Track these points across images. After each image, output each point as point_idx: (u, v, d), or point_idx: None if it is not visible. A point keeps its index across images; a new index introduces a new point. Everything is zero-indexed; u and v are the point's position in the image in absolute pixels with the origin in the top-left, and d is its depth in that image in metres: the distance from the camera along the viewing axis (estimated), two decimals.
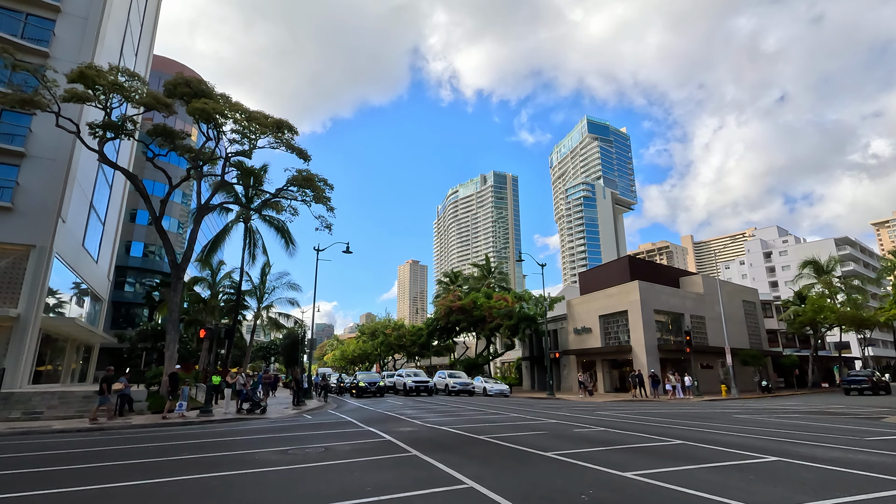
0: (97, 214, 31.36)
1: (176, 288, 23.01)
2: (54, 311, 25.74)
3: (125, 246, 45.93)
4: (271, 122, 22.83)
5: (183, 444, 11.36)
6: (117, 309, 45.95)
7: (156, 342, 36.75)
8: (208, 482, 7.12)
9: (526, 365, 51.78)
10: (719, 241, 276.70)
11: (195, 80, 22.48)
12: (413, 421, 15.80)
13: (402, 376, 40.02)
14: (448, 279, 63.15)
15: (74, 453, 10.36)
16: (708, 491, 5.99)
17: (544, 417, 16.86)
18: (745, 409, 20.99)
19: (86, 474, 8.00)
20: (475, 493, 6.02)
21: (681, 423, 14.84)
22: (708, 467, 7.60)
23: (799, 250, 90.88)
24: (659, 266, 51.41)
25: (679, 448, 9.65)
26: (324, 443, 10.93)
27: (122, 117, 21.82)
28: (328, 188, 24.89)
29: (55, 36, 25.68)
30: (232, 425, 16.32)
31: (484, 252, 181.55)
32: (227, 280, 42.46)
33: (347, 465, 8.11)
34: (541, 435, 11.81)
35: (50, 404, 18.86)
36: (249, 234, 31.26)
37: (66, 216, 24.52)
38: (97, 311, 35.11)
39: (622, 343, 38.48)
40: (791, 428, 13.30)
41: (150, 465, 8.67)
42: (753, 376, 42.73)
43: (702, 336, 40.84)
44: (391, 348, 72.06)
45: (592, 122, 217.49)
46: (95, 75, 19.30)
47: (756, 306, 48.93)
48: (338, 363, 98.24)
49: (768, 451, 9.06)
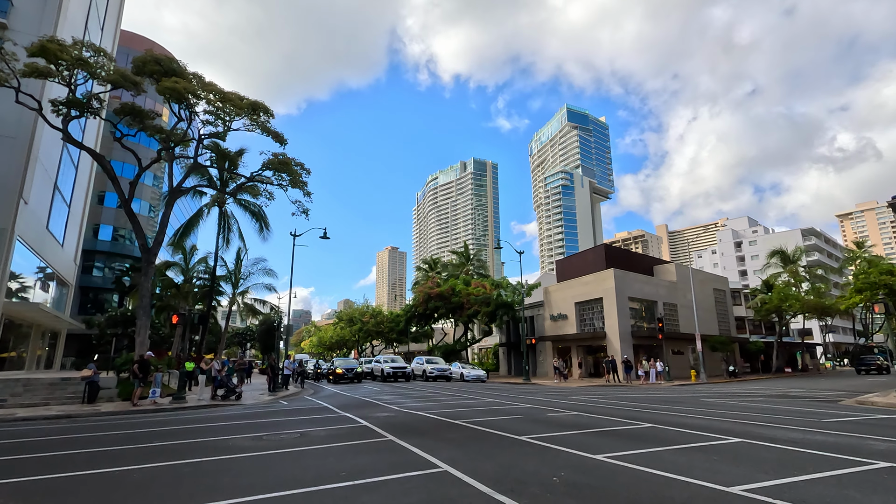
0: (62, 196, 30.19)
1: (147, 273, 22.40)
2: (17, 295, 24.82)
3: (93, 229, 44.44)
4: (246, 104, 22.19)
5: (154, 432, 11.17)
6: (85, 294, 44.58)
7: (126, 328, 35.81)
8: (180, 469, 7.03)
9: (503, 351, 52.45)
10: (693, 230, 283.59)
11: (166, 57, 21.64)
12: (390, 406, 15.87)
13: (379, 362, 40.08)
14: (427, 266, 63.17)
15: (40, 441, 10.08)
16: (674, 472, 6.20)
17: (519, 402, 17.14)
18: (713, 394, 21.74)
19: (52, 463, 7.80)
20: (450, 477, 6.10)
21: (651, 406, 15.28)
22: (675, 449, 7.86)
23: (767, 240, 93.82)
24: (634, 254, 52.42)
25: (648, 431, 9.95)
26: (299, 429, 10.90)
27: (87, 95, 20.89)
28: (305, 173, 24.43)
29: (13, 6, 24.35)
30: (206, 412, 16.11)
31: (463, 239, 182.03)
32: (202, 265, 41.52)
33: (323, 451, 8.11)
34: (516, 419, 12.01)
35: (14, 391, 18.26)
36: (224, 219, 30.56)
37: (28, 197, 23.54)
38: (63, 296, 34.01)
39: (597, 329, 39.26)
40: (755, 411, 13.84)
41: (119, 453, 8.50)
42: (722, 362, 44.22)
43: (674, 323, 41.95)
44: (369, 335, 72.01)
45: (572, 110, 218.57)
46: (58, 49, 18.36)
47: (726, 294, 50.46)
48: (315, 349, 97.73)
49: (732, 433, 9.42)
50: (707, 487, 5.48)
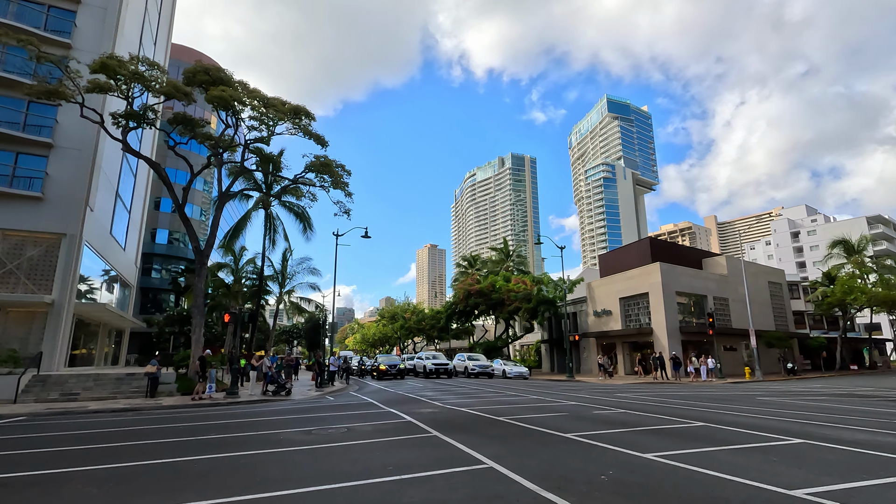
0: (123, 203, 32.14)
1: (200, 274, 23.54)
2: (86, 297, 26.65)
3: (150, 233, 47.06)
4: (289, 109, 22.89)
5: (212, 425, 11.75)
6: (145, 294, 47.32)
7: (182, 326, 37.81)
8: (237, 460, 7.37)
9: (545, 348, 51.78)
10: (744, 221, 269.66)
11: (213, 67, 22.61)
12: (433, 403, 16.02)
13: (421, 359, 40.46)
14: (466, 263, 63.16)
15: (110, 432, 10.81)
16: (730, 472, 5.96)
17: (564, 399, 16.90)
18: (770, 392, 20.68)
19: (121, 452, 8.35)
20: (494, 473, 6.10)
21: (702, 405, 14.71)
22: (730, 449, 7.54)
23: (828, 229, 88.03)
24: (681, 247, 50.50)
25: (700, 430, 9.59)
26: (346, 423, 11.18)
27: (143, 107, 22.15)
28: (346, 174, 24.97)
29: (76, 27, 26.07)
30: (258, 406, 16.79)
31: (502, 235, 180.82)
32: (250, 265, 43.23)
33: (369, 446, 8.29)
34: (560, 416, 11.86)
35: (85, 386, 19.68)
36: (269, 221, 31.66)
37: (93, 205, 25.21)
38: (126, 297, 36.23)
39: (643, 325, 38.11)
40: (816, 410, 13.07)
41: (181, 444, 9.01)
42: (779, 359, 41.95)
43: (725, 318, 40.15)
44: (411, 332, 72.79)
45: (612, 101, 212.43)
46: (117, 65, 19.57)
47: (782, 287, 47.81)
48: (358, 346, 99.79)
49: (793, 434, 8.94)
50: (767, 490, 5.23)
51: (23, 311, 23.01)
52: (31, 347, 22.05)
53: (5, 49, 23.95)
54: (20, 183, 23.58)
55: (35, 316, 22.98)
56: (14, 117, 24.23)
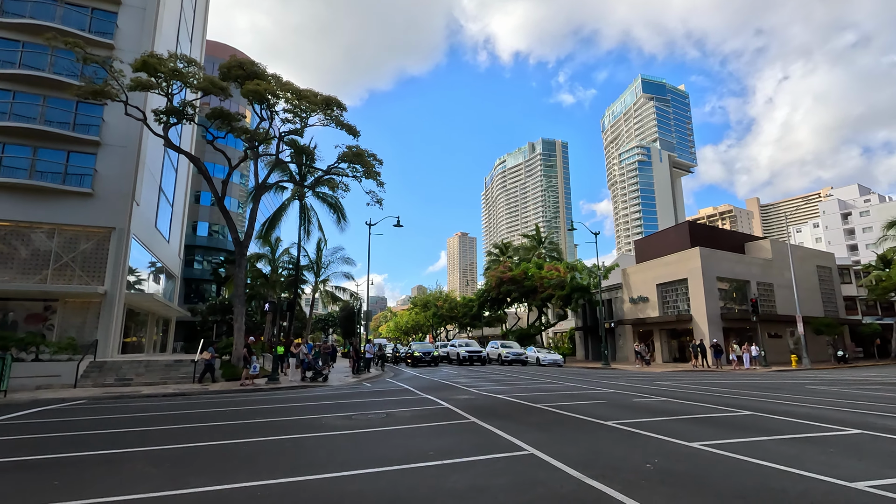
0: (166, 197, 33.40)
1: (240, 265, 24.28)
2: (135, 287, 27.95)
3: (192, 226, 48.79)
4: (321, 100, 23.13)
5: (256, 409, 12.18)
6: (188, 285, 49.24)
7: (224, 315, 39.24)
8: (282, 444, 7.61)
9: (579, 335, 51.16)
10: (789, 202, 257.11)
11: (248, 61, 23.03)
12: (469, 389, 16.09)
13: (455, 346, 40.68)
14: (498, 250, 62.82)
15: (162, 415, 11.36)
16: (783, 463, 5.73)
17: (601, 387, 16.68)
18: (819, 380, 19.80)
19: (174, 434, 8.77)
20: (536, 459, 6.07)
21: (748, 393, 14.22)
22: (781, 439, 7.26)
23: (883, 210, 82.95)
24: (721, 231, 48.67)
25: (748, 419, 9.27)
26: (385, 409, 11.36)
27: (182, 102, 22.83)
28: (377, 163, 25.11)
29: (118, 28, 27.01)
30: (297, 392, 17.29)
31: (533, 222, 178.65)
32: (286, 256, 44.33)
33: (409, 431, 8.40)
34: (599, 404, 11.70)
35: (137, 372, 20.73)
36: (304, 211, 32.28)
37: (139, 199, 26.29)
38: (171, 287, 37.80)
39: (681, 312, 37.07)
40: (873, 400, 12.43)
41: (228, 428, 9.37)
42: (828, 346, 40.10)
43: (769, 304, 38.60)
44: (443, 319, 73.25)
45: (647, 80, 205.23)
46: (157, 63, 20.19)
47: (832, 272, 45.49)
48: (392, 334, 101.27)
49: (849, 424, 8.53)
50: (825, 481, 5.00)
51: (78, 301, 24.37)
52: (86, 336, 23.34)
53: (54, 52, 25.06)
54: (72, 180, 24.81)
55: (90, 306, 24.30)
56: (64, 117, 25.44)
